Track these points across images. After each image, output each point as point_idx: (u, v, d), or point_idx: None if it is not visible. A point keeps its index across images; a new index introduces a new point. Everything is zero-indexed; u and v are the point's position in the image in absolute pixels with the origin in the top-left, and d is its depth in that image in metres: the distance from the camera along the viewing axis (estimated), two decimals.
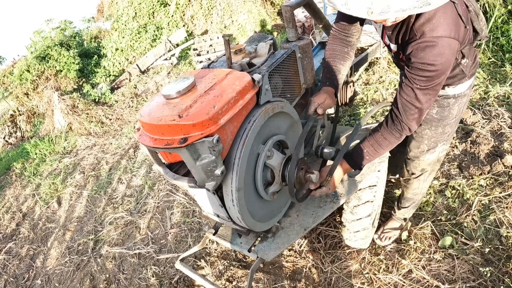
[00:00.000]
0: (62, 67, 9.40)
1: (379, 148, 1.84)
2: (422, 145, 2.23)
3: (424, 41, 1.49)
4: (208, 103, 1.50)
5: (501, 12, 4.90)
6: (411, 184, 2.52)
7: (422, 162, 2.33)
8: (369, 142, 1.86)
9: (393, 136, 1.79)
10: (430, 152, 2.25)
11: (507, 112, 3.69)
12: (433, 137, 2.17)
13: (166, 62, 9.62)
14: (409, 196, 2.61)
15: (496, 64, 4.69)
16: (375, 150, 1.86)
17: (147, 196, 4.40)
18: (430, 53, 1.48)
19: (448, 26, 1.47)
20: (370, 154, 1.87)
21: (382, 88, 4.79)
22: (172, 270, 3.22)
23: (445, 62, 1.50)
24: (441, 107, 2.05)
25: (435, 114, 2.08)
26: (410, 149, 2.34)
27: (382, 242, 2.81)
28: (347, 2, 1.35)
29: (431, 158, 2.30)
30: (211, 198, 1.79)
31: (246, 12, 10.43)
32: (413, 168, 2.41)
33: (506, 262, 2.44)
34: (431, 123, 2.12)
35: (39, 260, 4.08)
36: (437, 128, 2.13)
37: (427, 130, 2.16)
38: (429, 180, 2.52)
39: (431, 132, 2.16)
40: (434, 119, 2.10)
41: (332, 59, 2.07)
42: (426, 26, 1.48)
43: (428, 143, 2.21)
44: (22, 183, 6.14)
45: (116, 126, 7.44)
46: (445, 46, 1.47)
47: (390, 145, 1.84)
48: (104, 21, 12.76)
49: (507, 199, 2.85)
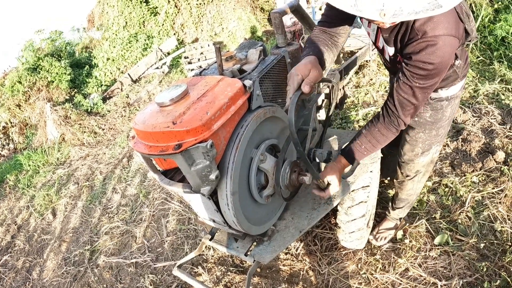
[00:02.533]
0: (54, 78, 9.35)
1: (377, 143, 1.86)
2: (416, 148, 2.25)
3: (425, 40, 1.49)
4: (201, 110, 1.53)
5: (487, 11, 4.98)
6: (406, 186, 2.53)
7: (416, 164, 2.35)
8: (366, 138, 1.88)
9: (390, 131, 1.80)
10: (425, 154, 2.27)
11: (497, 109, 3.75)
12: (427, 140, 2.19)
13: (157, 71, 9.63)
14: (403, 197, 2.63)
15: (484, 62, 4.76)
16: (373, 146, 1.87)
17: (142, 205, 4.39)
18: (431, 52, 1.49)
19: (449, 24, 1.49)
20: (368, 149, 1.89)
21: (373, 90, 4.83)
22: (170, 277, 3.22)
23: (445, 60, 1.52)
24: (434, 110, 2.06)
25: (429, 117, 2.08)
26: (404, 153, 2.35)
27: (378, 242, 2.83)
28: (357, 3, 1.31)
29: (425, 160, 2.32)
30: (206, 203, 1.81)
31: (236, 19, 10.47)
32: (408, 170, 2.43)
33: (501, 256, 2.47)
34: (425, 126, 2.13)
35: (36, 272, 4.06)
36: (431, 131, 2.14)
37: (421, 133, 2.16)
38: (423, 180, 2.54)
39: (425, 136, 2.17)
40: (428, 122, 2.11)
41: (316, 42, 1.91)
42: (427, 25, 1.48)
43: (422, 146, 2.22)
44: (16, 195, 6.10)
45: (109, 136, 7.42)
46: (446, 45, 1.48)
47: (387, 140, 1.85)
48: (95, 31, 12.75)
49: (500, 194, 2.88)
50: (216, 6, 10.59)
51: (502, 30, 4.68)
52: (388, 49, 1.81)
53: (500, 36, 4.71)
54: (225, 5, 10.56)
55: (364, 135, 1.89)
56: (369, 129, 1.87)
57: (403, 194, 2.61)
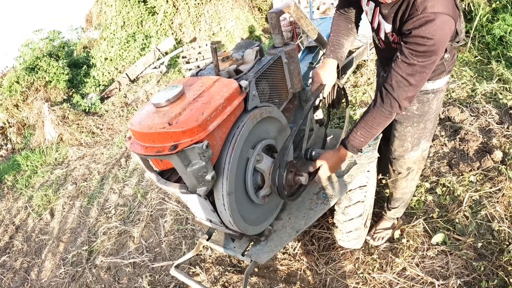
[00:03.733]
0: (52, 78, 9.34)
1: (371, 127, 1.87)
2: (406, 143, 2.29)
3: (424, 16, 1.52)
4: (197, 110, 1.53)
5: (485, 10, 4.98)
6: (400, 184, 2.55)
7: (407, 160, 2.38)
8: (361, 124, 1.90)
9: (383, 114, 1.81)
10: (414, 149, 2.31)
11: (495, 108, 3.75)
12: (415, 134, 2.23)
13: (155, 71, 9.62)
14: (398, 196, 2.64)
15: (482, 62, 4.76)
16: (368, 131, 1.88)
17: (140, 205, 4.39)
18: (430, 27, 1.51)
19: (447, 5, 1.53)
20: (364, 135, 1.90)
21: (371, 90, 4.84)
22: (168, 277, 3.22)
23: (442, 38, 1.54)
24: (421, 102, 2.11)
25: (416, 110, 2.13)
26: (394, 149, 2.39)
27: (375, 242, 2.83)
28: None
29: (415, 155, 2.35)
30: (203, 204, 1.81)
31: (234, 18, 10.47)
32: (399, 167, 2.45)
33: (499, 256, 2.47)
34: (413, 119, 2.17)
35: (34, 272, 4.05)
36: (419, 124, 2.19)
37: (409, 127, 2.21)
38: (417, 178, 2.57)
39: (413, 129, 2.21)
40: (415, 115, 2.15)
41: (336, 33, 2.17)
42: (428, 1, 1.52)
43: (411, 140, 2.26)
44: (14, 196, 6.10)
45: (107, 136, 7.42)
46: (444, 22, 1.52)
47: (380, 124, 1.86)
48: (94, 30, 12.73)
49: (497, 193, 2.88)
50: (214, 5, 10.58)
51: (500, 29, 4.68)
52: (385, 26, 1.83)
53: (498, 36, 4.71)
54: (223, 4, 10.55)
55: (359, 122, 1.91)
56: (364, 116, 1.90)
57: (397, 193, 2.62)
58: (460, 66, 4.76)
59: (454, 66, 4.68)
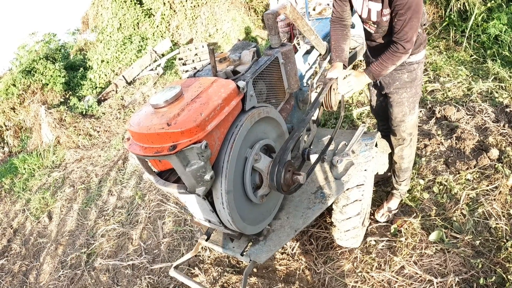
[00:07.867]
0: (48, 81, 9.31)
1: (383, 61, 2.26)
2: (404, 108, 2.62)
3: None
4: (195, 111, 1.54)
5: (481, 10, 5.01)
6: (406, 152, 2.81)
7: (407, 123, 2.68)
8: (378, 60, 2.29)
9: (395, 55, 2.21)
10: (411, 113, 2.64)
11: (490, 107, 3.77)
12: (410, 98, 2.59)
13: (152, 73, 9.61)
14: (406, 165, 2.87)
15: (478, 61, 4.79)
16: (381, 63, 2.28)
17: (138, 207, 4.39)
18: None
19: None
20: (379, 65, 2.29)
21: (367, 90, 4.84)
22: (167, 279, 3.22)
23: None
24: (409, 71, 2.50)
25: (407, 78, 2.52)
26: (395, 116, 2.69)
27: (381, 219, 3.02)
28: None
29: (413, 119, 2.68)
30: (202, 204, 1.82)
31: (230, 20, 10.48)
32: (402, 132, 2.72)
33: (496, 253, 2.49)
34: (406, 85, 2.55)
35: (32, 276, 4.04)
36: (411, 89, 2.56)
37: (404, 93, 2.57)
38: (415, 145, 2.88)
39: (408, 94, 2.57)
40: (407, 82, 2.54)
41: (337, 40, 2.57)
42: None
43: (408, 104, 2.61)
44: (12, 199, 6.08)
45: (104, 138, 7.40)
46: None
47: (390, 59, 2.24)
48: (90, 33, 12.70)
49: (494, 191, 2.91)
50: (210, 7, 10.59)
51: (495, 28, 4.72)
52: (375, 6, 2.18)
53: (494, 35, 4.75)
54: (219, 6, 10.56)
55: (377, 59, 2.31)
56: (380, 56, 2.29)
57: (405, 163, 2.86)
58: (456, 65, 4.79)
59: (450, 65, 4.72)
